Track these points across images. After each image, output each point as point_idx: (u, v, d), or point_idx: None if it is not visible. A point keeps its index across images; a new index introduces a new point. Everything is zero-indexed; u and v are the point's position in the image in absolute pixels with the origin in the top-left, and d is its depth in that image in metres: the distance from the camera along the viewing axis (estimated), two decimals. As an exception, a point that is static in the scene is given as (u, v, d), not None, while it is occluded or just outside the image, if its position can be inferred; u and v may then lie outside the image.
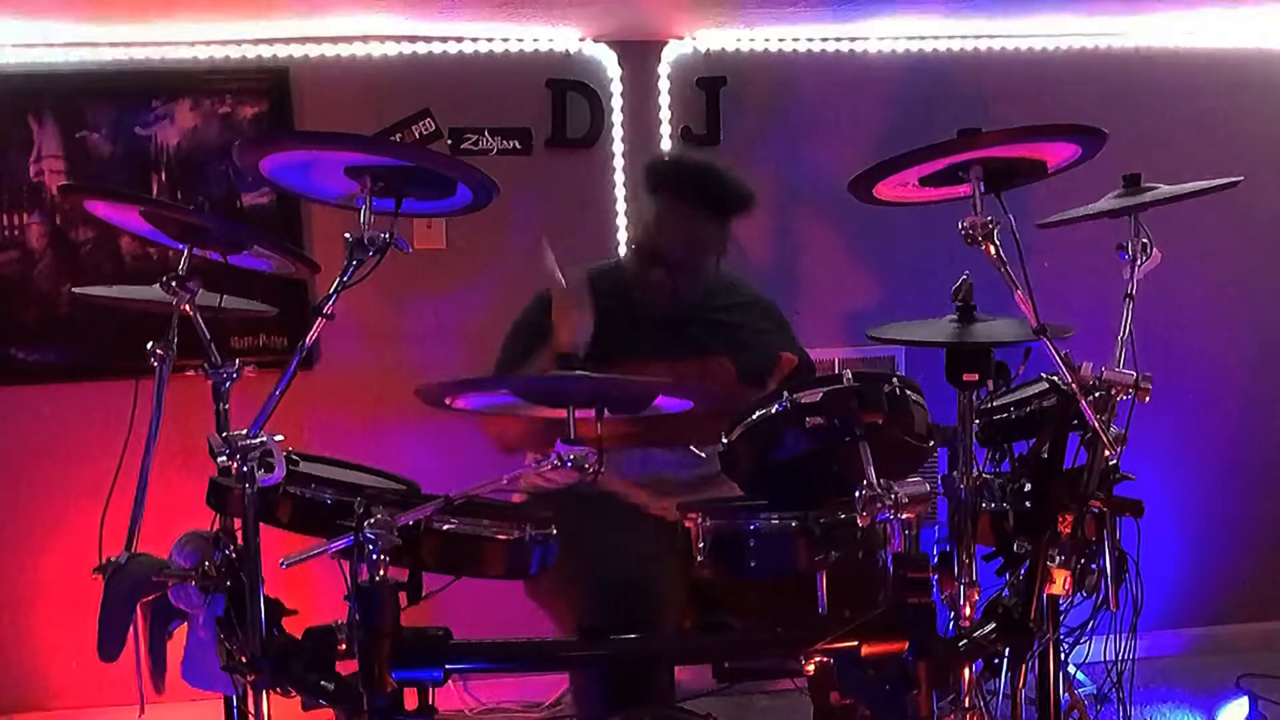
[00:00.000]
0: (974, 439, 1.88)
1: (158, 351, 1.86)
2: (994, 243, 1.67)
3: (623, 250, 3.11)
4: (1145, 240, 1.97)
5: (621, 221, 3.19)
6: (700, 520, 1.77)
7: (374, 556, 1.51)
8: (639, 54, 3.20)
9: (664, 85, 3.21)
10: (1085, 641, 2.01)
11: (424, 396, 1.70)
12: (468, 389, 1.75)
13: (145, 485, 1.80)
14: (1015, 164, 1.76)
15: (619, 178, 3.20)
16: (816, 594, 1.74)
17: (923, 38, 3.30)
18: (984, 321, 1.96)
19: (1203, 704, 3.13)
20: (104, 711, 3.07)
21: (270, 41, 3.08)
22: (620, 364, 2.12)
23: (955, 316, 1.97)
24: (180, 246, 1.90)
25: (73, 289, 3.00)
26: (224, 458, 1.54)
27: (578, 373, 1.68)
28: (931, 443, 1.76)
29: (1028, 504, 1.88)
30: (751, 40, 3.25)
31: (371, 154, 1.67)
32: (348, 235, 1.61)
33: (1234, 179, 2.09)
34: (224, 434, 1.59)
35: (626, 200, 3.19)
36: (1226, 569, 3.52)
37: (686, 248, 2.31)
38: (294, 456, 1.67)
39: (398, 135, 3.09)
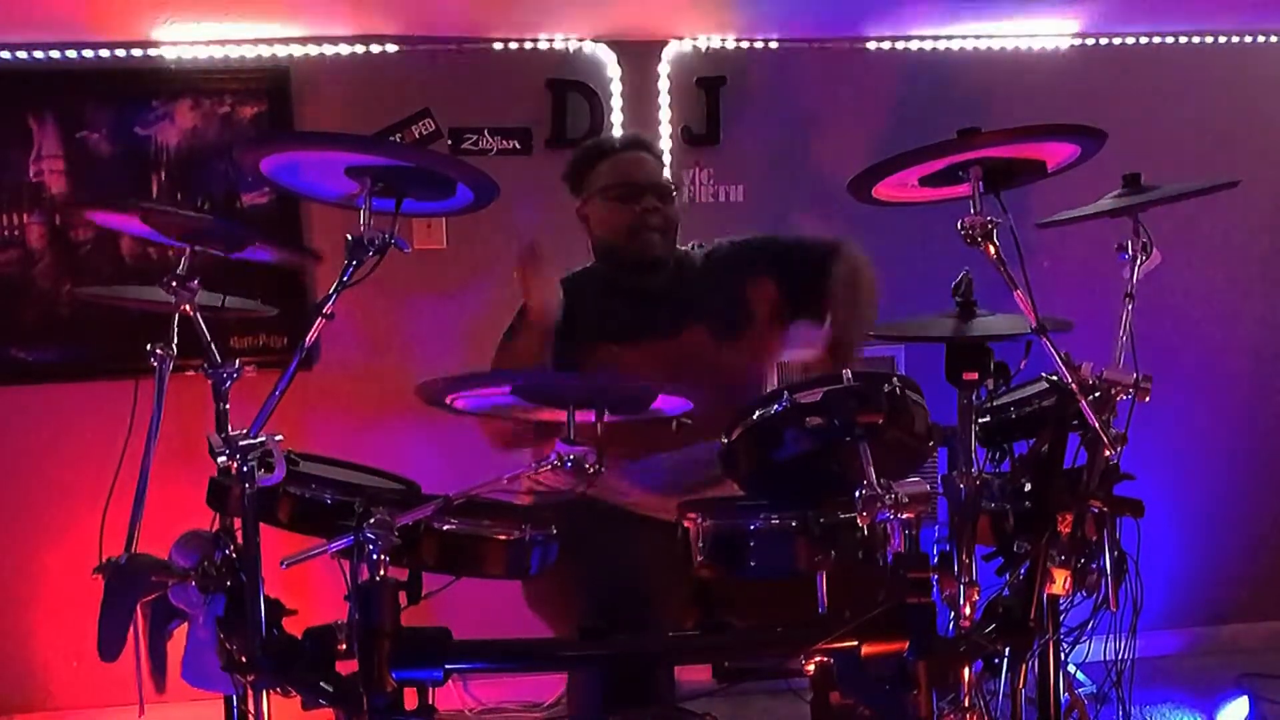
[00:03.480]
0: (974, 439, 1.88)
1: (158, 351, 1.86)
2: (993, 243, 1.67)
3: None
4: (1145, 240, 1.98)
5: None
6: (700, 520, 1.77)
7: (374, 556, 1.51)
8: (639, 54, 3.20)
9: (664, 85, 3.21)
10: (1085, 641, 2.01)
11: (425, 395, 1.70)
12: (469, 385, 1.74)
13: (145, 485, 1.80)
14: (1015, 164, 1.76)
15: (619, 178, 3.19)
16: (816, 594, 1.74)
17: (922, 38, 3.30)
18: (984, 317, 1.95)
19: (1203, 704, 3.13)
20: (104, 711, 3.07)
21: (270, 41, 3.08)
22: (601, 350, 2.22)
23: (955, 312, 1.97)
24: (181, 245, 1.90)
25: (73, 289, 3.01)
26: (224, 458, 1.53)
27: (577, 375, 1.68)
28: (931, 443, 1.76)
29: (1028, 504, 1.88)
30: (751, 40, 3.25)
31: (371, 154, 1.67)
32: (348, 235, 1.61)
33: (1233, 179, 2.09)
34: (224, 434, 1.59)
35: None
36: (1226, 569, 3.52)
37: (652, 174, 2.38)
38: (294, 456, 1.67)
39: (397, 135, 3.09)
